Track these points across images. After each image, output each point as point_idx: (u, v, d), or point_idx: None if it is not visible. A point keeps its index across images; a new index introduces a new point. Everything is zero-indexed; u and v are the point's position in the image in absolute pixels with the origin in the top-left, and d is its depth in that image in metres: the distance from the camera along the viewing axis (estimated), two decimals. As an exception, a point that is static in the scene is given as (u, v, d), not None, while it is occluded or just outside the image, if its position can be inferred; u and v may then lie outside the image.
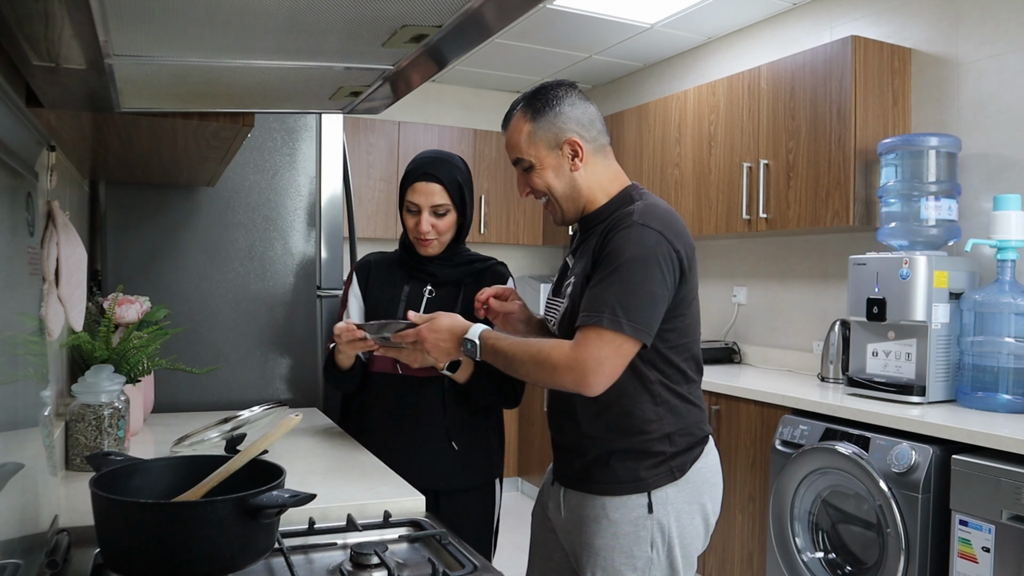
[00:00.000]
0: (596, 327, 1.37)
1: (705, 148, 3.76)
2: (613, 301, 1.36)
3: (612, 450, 1.48)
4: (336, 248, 2.41)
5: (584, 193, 1.52)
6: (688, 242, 1.47)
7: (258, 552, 0.99)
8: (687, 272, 1.46)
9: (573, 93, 1.52)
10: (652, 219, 1.42)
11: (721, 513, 1.59)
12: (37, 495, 1.05)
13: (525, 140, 1.50)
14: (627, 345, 1.38)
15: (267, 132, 2.29)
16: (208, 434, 1.65)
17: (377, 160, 4.75)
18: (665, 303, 1.42)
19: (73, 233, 1.33)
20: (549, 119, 1.49)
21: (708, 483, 1.53)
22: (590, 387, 1.37)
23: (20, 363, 0.98)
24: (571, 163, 1.50)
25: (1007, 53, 2.82)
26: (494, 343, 1.48)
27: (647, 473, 1.47)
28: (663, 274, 1.40)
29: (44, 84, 1.01)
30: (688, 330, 1.51)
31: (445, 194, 1.78)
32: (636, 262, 1.38)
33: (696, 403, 1.54)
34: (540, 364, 1.41)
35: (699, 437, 1.53)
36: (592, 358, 1.36)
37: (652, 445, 1.47)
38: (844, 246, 3.41)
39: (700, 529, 1.52)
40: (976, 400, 2.54)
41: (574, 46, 4.38)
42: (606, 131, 1.56)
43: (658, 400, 1.48)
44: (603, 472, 1.49)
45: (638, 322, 1.37)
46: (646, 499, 1.46)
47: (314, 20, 0.81)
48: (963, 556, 2.15)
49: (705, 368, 1.66)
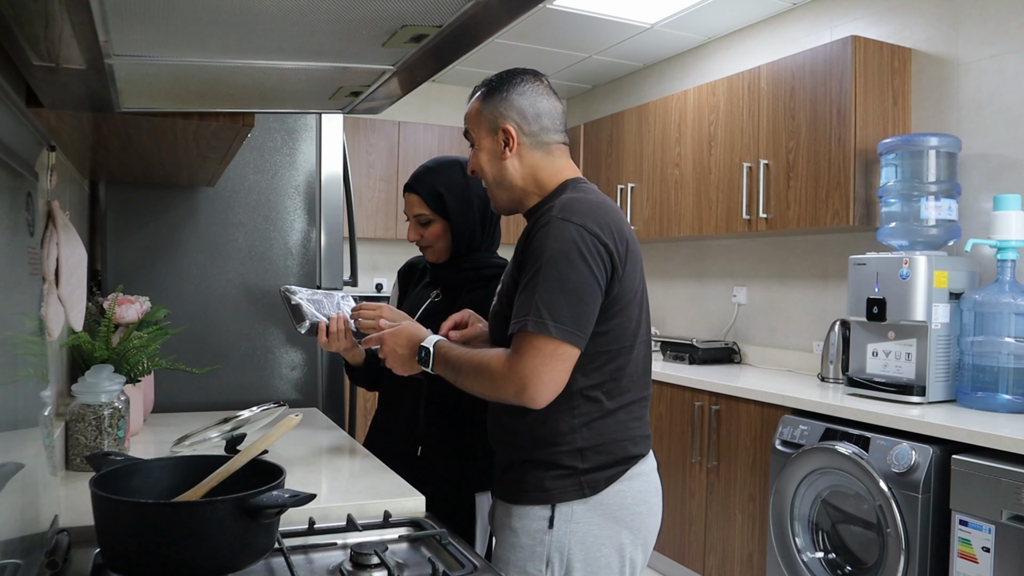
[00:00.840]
0: (523, 332, 1.29)
1: (705, 148, 3.76)
2: (537, 303, 1.28)
3: (522, 458, 1.41)
4: (336, 248, 2.41)
5: (516, 184, 1.46)
6: (622, 236, 1.36)
7: (258, 552, 0.99)
8: (620, 267, 1.34)
9: (532, 84, 1.45)
10: (572, 212, 1.33)
11: (722, 513, 1.55)
12: (37, 495, 1.05)
13: (473, 117, 1.48)
14: (560, 349, 1.28)
15: (267, 132, 2.29)
16: (208, 434, 1.65)
17: (377, 160, 4.75)
18: (596, 300, 1.32)
19: (73, 233, 1.33)
20: (495, 102, 1.44)
21: (627, 511, 1.39)
22: (532, 399, 1.29)
23: (20, 363, 0.98)
24: (503, 151, 1.44)
25: (1007, 53, 2.82)
26: (446, 352, 1.41)
27: (553, 484, 1.37)
28: (589, 268, 1.30)
29: (44, 84, 1.01)
30: (623, 335, 1.38)
31: (423, 205, 1.77)
32: (557, 259, 1.29)
33: (624, 421, 1.40)
34: (481, 375, 1.34)
35: (620, 457, 1.39)
36: (526, 367, 1.28)
37: (561, 458, 1.37)
38: (844, 246, 3.41)
39: (612, 561, 1.38)
40: (976, 400, 2.54)
41: (574, 46, 4.38)
42: (560, 130, 1.48)
43: (576, 412, 1.36)
44: (511, 478, 1.42)
45: (564, 323, 1.28)
46: (548, 512, 1.36)
47: (314, 20, 0.81)
48: (963, 556, 2.15)
49: (705, 368, 1.62)
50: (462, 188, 1.77)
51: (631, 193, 4.27)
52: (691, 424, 3.33)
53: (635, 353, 1.40)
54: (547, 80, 1.50)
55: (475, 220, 1.78)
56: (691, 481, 3.34)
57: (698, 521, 3.29)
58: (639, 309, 1.41)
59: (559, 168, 1.47)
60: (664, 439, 3.51)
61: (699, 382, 3.28)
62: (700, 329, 4.27)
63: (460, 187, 1.77)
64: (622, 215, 1.42)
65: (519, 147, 1.44)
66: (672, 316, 4.51)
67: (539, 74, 1.48)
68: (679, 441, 3.42)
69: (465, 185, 1.77)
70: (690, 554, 3.34)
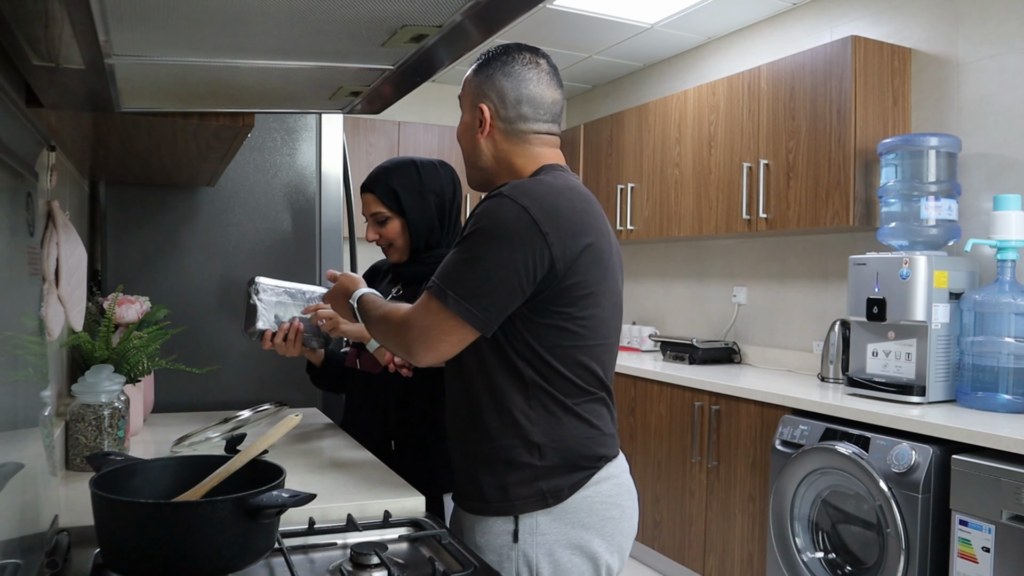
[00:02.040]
0: (427, 293, 1.26)
1: (705, 148, 3.76)
2: (449, 271, 1.25)
3: (477, 453, 1.33)
4: (336, 248, 2.41)
5: (487, 164, 1.40)
6: (576, 227, 1.26)
7: (258, 552, 0.99)
8: (560, 259, 1.23)
9: (525, 66, 1.36)
10: (522, 194, 1.24)
11: (722, 513, 1.54)
12: (37, 495, 1.05)
13: (464, 85, 1.42)
14: (451, 322, 1.23)
15: (267, 132, 2.29)
16: (208, 434, 1.65)
17: (377, 160, 4.75)
18: (513, 289, 1.22)
19: (73, 233, 1.33)
20: (480, 78, 1.38)
21: (597, 516, 1.31)
22: (411, 352, 1.28)
23: (20, 363, 0.98)
24: (477, 127, 1.39)
25: (1007, 53, 2.82)
26: (365, 303, 1.43)
27: (515, 492, 1.29)
28: (516, 254, 1.21)
29: (44, 84, 1.01)
30: (583, 335, 1.29)
31: (379, 203, 1.80)
32: (484, 234, 1.23)
33: (585, 419, 1.31)
34: (385, 323, 1.35)
35: (580, 455, 1.30)
36: (416, 324, 1.27)
37: (517, 454, 1.28)
38: (844, 246, 3.41)
39: (585, 570, 1.31)
40: (976, 400, 2.54)
41: (574, 46, 4.38)
42: (547, 121, 1.38)
43: (532, 403, 1.29)
44: (471, 486, 1.35)
45: (465, 299, 1.22)
46: (512, 525, 1.29)
47: (314, 20, 0.81)
48: (963, 556, 2.15)
49: (705, 368, 1.59)
50: (417, 185, 1.80)
51: (631, 193, 4.27)
52: (691, 424, 3.33)
53: (599, 352, 1.33)
54: (548, 63, 1.39)
55: (432, 216, 1.81)
56: (691, 481, 3.35)
57: (698, 521, 3.29)
58: (607, 309, 1.33)
59: (536, 156, 1.38)
60: (664, 439, 3.51)
61: (699, 382, 3.28)
62: (700, 329, 4.27)
63: (415, 184, 1.80)
64: (592, 207, 1.32)
65: (491, 130, 1.38)
66: (672, 316, 4.51)
67: (540, 54, 1.39)
68: (679, 441, 3.42)
69: (420, 183, 1.80)
70: (690, 554, 3.34)
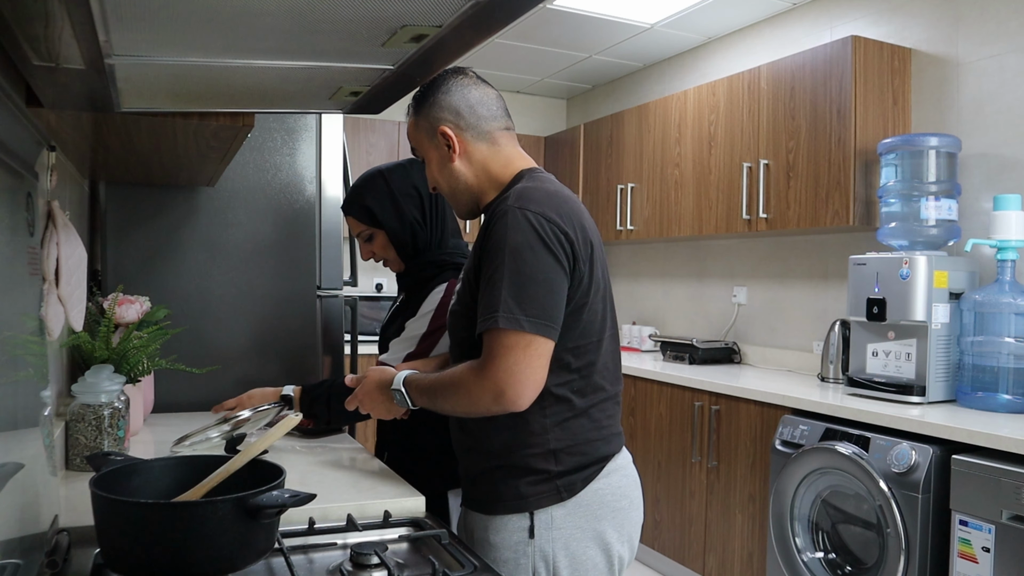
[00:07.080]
0: (493, 331, 1.22)
1: (705, 148, 3.76)
2: (505, 297, 1.21)
3: (493, 465, 1.35)
4: (336, 248, 2.41)
5: (471, 185, 1.41)
6: (581, 225, 1.31)
7: (258, 552, 0.99)
8: (582, 257, 1.29)
9: (455, 79, 1.40)
10: (528, 201, 1.27)
11: (722, 513, 1.55)
12: (37, 495, 1.05)
13: (412, 134, 1.45)
14: (535, 343, 1.22)
15: (267, 132, 2.29)
16: (208, 434, 1.65)
17: (377, 160, 4.75)
18: (563, 289, 1.26)
19: (73, 233, 1.33)
20: (426, 109, 1.41)
21: (608, 508, 1.35)
22: (513, 402, 1.22)
23: (20, 363, 0.98)
24: (448, 154, 1.40)
25: (1007, 53, 2.82)
26: (417, 384, 1.36)
27: (529, 490, 1.31)
28: (555, 257, 1.25)
29: (44, 84, 1.01)
30: (589, 331, 1.33)
31: (358, 223, 1.83)
32: (520, 249, 1.23)
33: (598, 419, 1.36)
34: (457, 391, 1.28)
35: (594, 458, 1.34)
36: (501, 369, 1.21)
37: (535, 461, 1.31)
38: (844, 246, 3.41)
39: (599, 561, 1.35)
40: (976, 400, 2.54)
41: (574, 46, 4.38)
42: (500, 116, 1.42)
43: (548, 412, 1.31)
44: (485, 489, 1.36)
45: (537, 315, 1.22)
46: (527, 521, 1.31)
47: (314, 20, 0.81)
48: (963, 556, 2.15)
49: (705, 368, 1.60)
50: (387, 195, 1.80)
51: (631, 193, 4.27)
52: (691, 424, 3.33)
53: (603, 348, 1.36)
54: (473, 72, 1.44)
55: (412, 219, 1.79)
56: (691, 481, 3.34)
57: (698, 521, 3.29)
58: (603, 302, 1.36)
59: (508, 158, 1.42)
60: (664, 439, 3.51)
61: (699, 382, 3.28)
62: (700, 329, 4.27)
63: (385, 194, 1.80)
64: (580, 205, 1.37)
65: (462, 144, 1.40)
66: (672, 316, 4.51)
67: (462, 69, 1.43)
68: (679, 441, 3.42)
69: (390, 192, 1.79)
70: (690, 554, 3.34)
